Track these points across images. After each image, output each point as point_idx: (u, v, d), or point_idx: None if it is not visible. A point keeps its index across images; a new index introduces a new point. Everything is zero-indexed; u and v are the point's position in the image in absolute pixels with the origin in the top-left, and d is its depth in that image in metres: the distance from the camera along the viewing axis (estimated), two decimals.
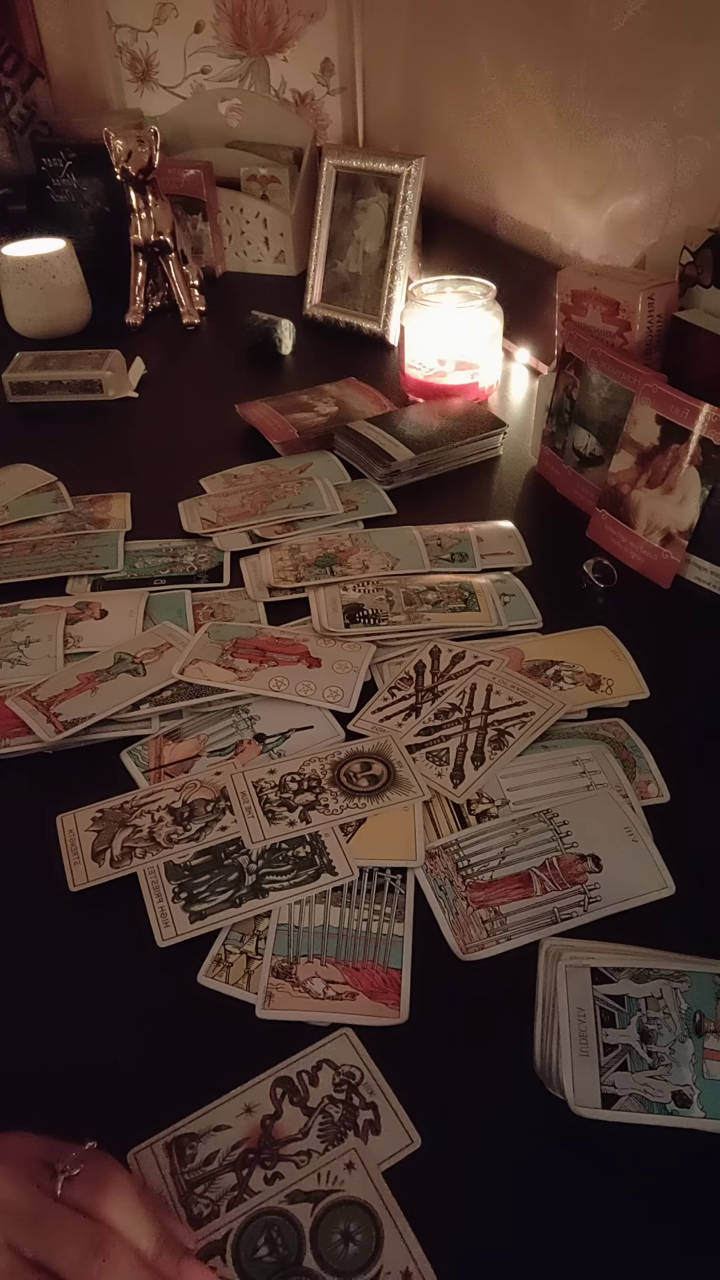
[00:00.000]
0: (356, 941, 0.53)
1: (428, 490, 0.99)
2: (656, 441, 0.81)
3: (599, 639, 0.75)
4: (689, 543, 0.80)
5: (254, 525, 0.91)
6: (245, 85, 1.67)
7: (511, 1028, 0.48)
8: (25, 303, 1.35)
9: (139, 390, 1.22)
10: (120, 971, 0.53)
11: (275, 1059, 0.48)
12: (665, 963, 0.49)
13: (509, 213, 1.27)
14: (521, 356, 1.26)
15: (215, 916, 0.54)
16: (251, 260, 1.64)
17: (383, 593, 0.79)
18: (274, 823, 0.59)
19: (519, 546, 0.87)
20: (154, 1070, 0.49)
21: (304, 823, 0.59)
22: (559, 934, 0.53)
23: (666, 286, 0.91)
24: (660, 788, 0.63)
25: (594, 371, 0.89)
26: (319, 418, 1.09)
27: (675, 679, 0.72)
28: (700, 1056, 0.45)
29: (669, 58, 0.92)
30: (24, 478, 1.01)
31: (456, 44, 1.27)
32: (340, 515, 0.93)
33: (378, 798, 0.61)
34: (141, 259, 1.41)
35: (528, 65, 1.14)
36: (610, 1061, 0.45)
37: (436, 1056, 0.49)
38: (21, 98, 1.72)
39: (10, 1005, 0.52)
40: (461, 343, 1.11)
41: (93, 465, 1.04)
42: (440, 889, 0.56)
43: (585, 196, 1.09)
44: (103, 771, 0.65)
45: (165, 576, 0.85)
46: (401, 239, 1.29)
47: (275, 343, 1.30)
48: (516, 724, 0.66)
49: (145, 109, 1.76)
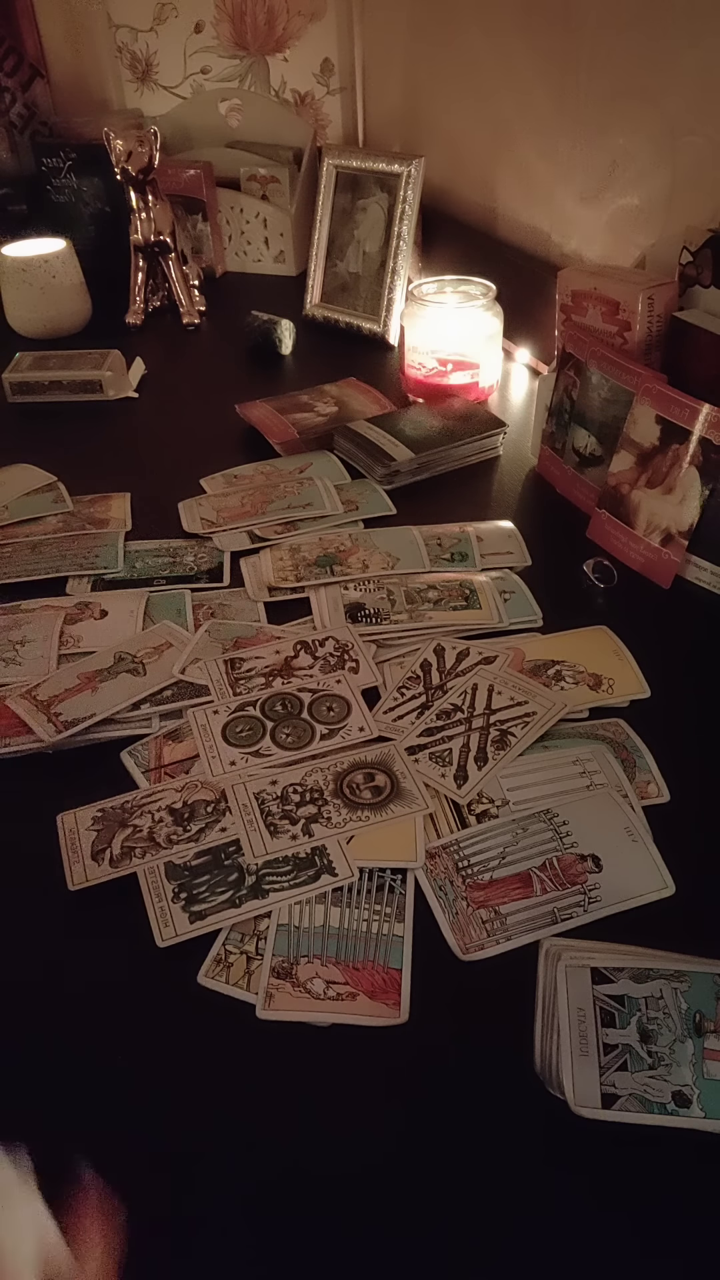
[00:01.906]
0: (357, 942, 0.53)
1: (428, 490, 0.99)
2: (656, 441, 0.81)
3: (599, 639, 0.75)
4: (689, 543, 0.80)
5: (254, 525, 0.91)
6: (245, 85, 1.67)
7: (511, 1028, 0.48)
8: (25, 303, 1.35)
9: (139, 390, 1.22)
10: (120, 971, 0.53)
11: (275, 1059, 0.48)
12: (665, 963, 0.49)
13: (509, 213, 1.27)
14: (521, 356, 1.26)
15: (215, 917, 0.54)
16: (251, 260, 1.64)
17: (384, 592, 0.79)
18: (276, 836, 0.59)
19: (519, 546, 0.87)
20: (154, 1070, 0.49)
21: (306, 836, 0.59)
22: (559, 934, 0.53)
23: (666, 286, 0.91)
24: (660, 788, 0.63)
25: (594, 371, 0.89)
26: (319, 418, 1.09)
27: (675, 679, 0.72)
28: (700, 1056, 0.45)
29: (669, 58, 0.92)
30: (24, 478, 1.01)
31: (457, 44, 1.28)
32: (340, 515, 0.93)
33: (381, 810, 0.61)
34: (141, 259, 1.41)
35: (528, 65, 1.14)
36: (610, 1061, 0.45)
37: (436, 1056, 0.49)
38: (21, 98, 1.72)
39: (10, 1004, 0.52)
40: (461, 343, 1.11)
41: (93, 465, 1.04)
42: (440, 889, 0.56)
43: (585, 196, 1.09)
44: (103, 771, 0.65)
45: (165, 576, 0.85)
46: (401, 239, 1.29)
47: (275, 343, 1.30)
48: (518, 724, 0.66)
49: (145, 109, 1.76)
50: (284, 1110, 0.47)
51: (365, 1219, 0.43)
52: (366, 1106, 0.47)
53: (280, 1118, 0.47)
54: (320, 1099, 0.47)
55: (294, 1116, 0.47)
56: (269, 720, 0.68)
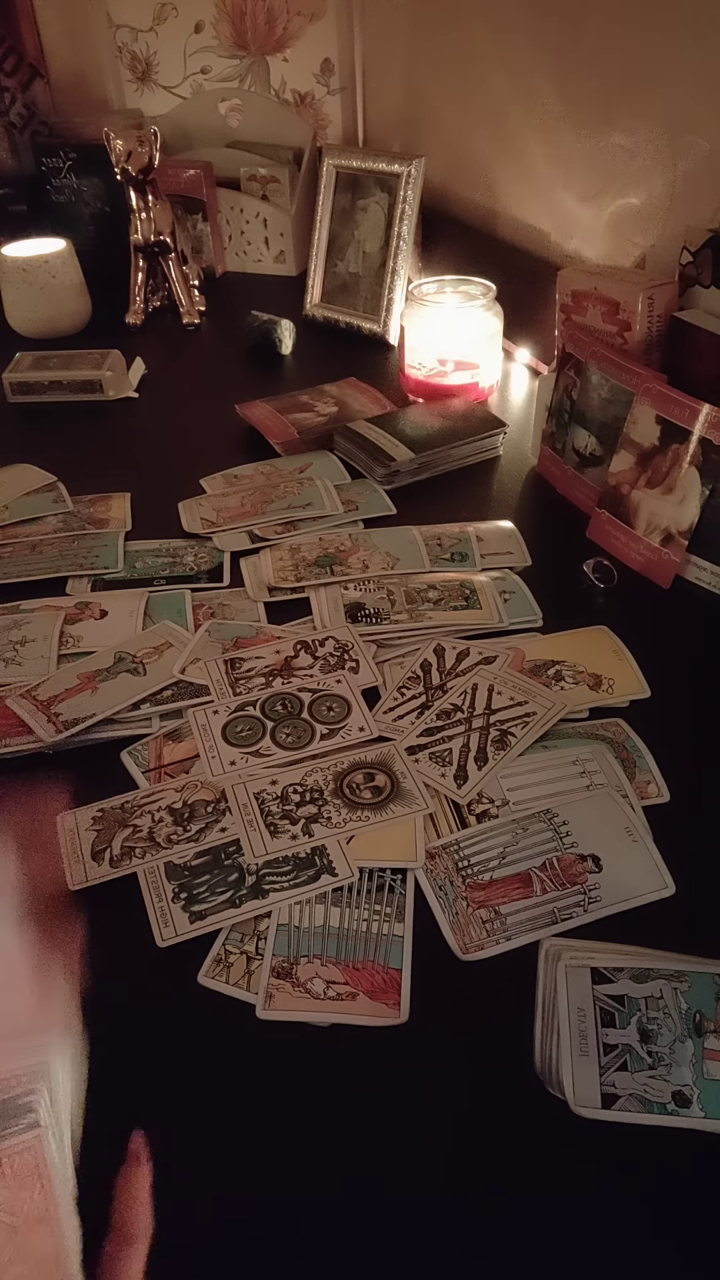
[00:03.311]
0: (357, 942, 0.53)
1: (428, 490, 0.99)
2: (656, 441, 0.81)
3: (599, 639, 0.75)
4: (689, 543, 0.80)
5: (254, 525, 0.91)
6: (245, 85, 1.67)
7: (511, 1028, 0.48)
8: (25, 303, 1.35)
9: (139, 390, 1.22)
10: (120, 972, 0.53)
11: (275, 1059, 0.48)
12: (665, 963, 0.49)
13: (509, 213, 1.27)
14: (521, 356, 1.26)
15: (215, 917, 0.54)
16: (251, 260, 1.64)
17: (384, 591, 0.79)
18: (276, 836, 0.59)
19: (519, 546, 0.87)
20: (153, 1071, 0.49)
21: (306, 836, 0.59)
22: (559, 934, 0.53)
23: (666, 286, 0.91)
24: (660, 788, 0.63)
25: (594, 371, 0.89)
26: (319, 418, 1.09)
27: (675, 679, 0.72)
28: (700, 1056, 0.45)
29: (669, 58, 0.92)
30: (24, 478, 1.01)
31: (457, 44, 1.28)
32: (340, 515, 0.93)
33: (381, 810, 0.61)
34: (141, 259, 1.41)
35: (528, 65, 1.13)
36: (610, 1061, 0.45)
37: (436, 1056, 0.49)
38: (21, 98, 1.72)
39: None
40: (461, 343, 1.11)
41: (93, 465, 1.04)
42: (440, 889, 0.56)
43: (585, 196, 1.09)
44: (103, 771, 0.65)
45: (165, 576, 0.85)
46: (401, 239, 1.29)
47: (275, 343, 1.30)
48: (519, 724, 0.66)
49: (145, 109, 1.77)
50: (284, 1110, 0.47)
51: (365, 1219, 0.43)
52: (366, 1106, 0.47)
53: (280, 1118, 0.47)
54: (320, 1099, 0.47)
55: (294, 1116, 0.47)
56: (269, 720, 0.68)
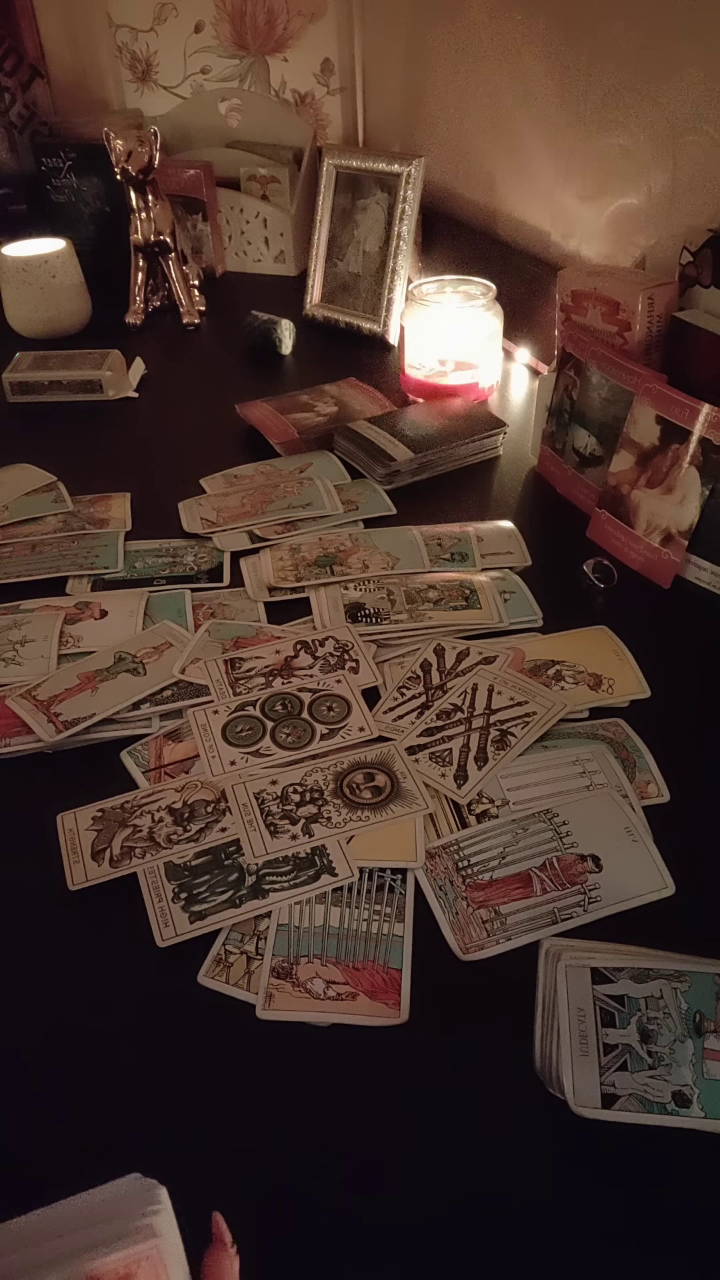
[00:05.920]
0: (357, 942, 0.53)
1: (428, 490, 0.99)
2: (656, 441, 0.81)
3: (600, 639, 0.75)
4: (689, 543, 0.80)
5: (254, 525, 0.91)
6: (245, 85, 1.67)
7: (511, 1028, 0.48)
8: (25, 303, 1.35)
9: (139, 390, 1.22)
10: (120, 972, 0.53)
11: (275, 1059, 0.48)
12: (665, 963, 0.49)
13: (509, 213, 1.27)
14: (521, 356, 1.26)
15: (215, 917, 0.54)
16: (251, 260, 1.64)
17: (384, 591, 0.79)
18: (276, 836, 0.59)
19: (519, 546, 0.87)
20: (154, 1071, 0.49)
21: (306, 836, 0.59)
22: (559, 934, 0.53)
23: (666, 286, 0.91)
24: (660, 788, 0.63)
25: (594, 371, 0.89)
26: (319, 418, 1.09)
27: (675, 679, 0.72)
28: (700, 1056, 0.45)
29: (669, 58, 0.92)
30: (24, 478, 1.01)
31: (457, 44, 1.27)
32: (340, 515, 0.93)
33: (381, 810, 0.61)
34: (141, 259, 1.41)
35: (528, 65, 1.13)
36: (610, 1061, 0.45)
37: (436, 1056, 0.49)
38: (21, 98, 1.72)
39: (10, 1004, 0.52)
40: (461, 343, 1.11)
41: (93, 465, 1.04)
42: (440, 889, 0.56)
43: (585, 196, 1.09)
44: (103, 771, 0.65)
45: (165, 576, 0.85)
46: (401, 239, 1.29)
47: (275, 343, 1.30)
48: (519, 724, 0.66)
49: (145, 109, 1.76)
50: (284, 1110, 0.47)
51: (365, 1218, 0.43)
52: (366, 1106, 0.47)
53: (280, 1118, 0.47)
54: (320, 1099, 0.47)
55: (294, 1116, 0.47)
56: (269, 720, 0.68)
